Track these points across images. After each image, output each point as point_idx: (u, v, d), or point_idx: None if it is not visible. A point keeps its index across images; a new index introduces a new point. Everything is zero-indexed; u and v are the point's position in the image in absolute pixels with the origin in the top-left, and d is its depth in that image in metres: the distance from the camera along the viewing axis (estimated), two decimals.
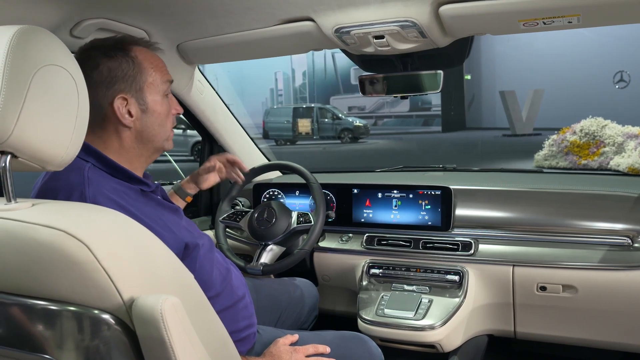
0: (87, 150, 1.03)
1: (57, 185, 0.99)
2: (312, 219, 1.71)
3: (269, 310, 1.51)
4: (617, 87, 15.74)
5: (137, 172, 1.11)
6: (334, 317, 1.92)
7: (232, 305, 1.17)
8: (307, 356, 1.23)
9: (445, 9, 1.15)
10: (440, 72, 1.40)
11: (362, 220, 1.85)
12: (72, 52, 0.81)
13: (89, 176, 0.99)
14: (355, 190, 1.87)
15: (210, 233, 1.95)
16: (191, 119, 1.89)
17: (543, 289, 1.54)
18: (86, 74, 0.94)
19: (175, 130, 1.20)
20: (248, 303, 1.24)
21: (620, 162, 3.02)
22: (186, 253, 1.07)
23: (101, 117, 1.05)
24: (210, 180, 1.58)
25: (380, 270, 1.71)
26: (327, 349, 1.27)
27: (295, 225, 1.70)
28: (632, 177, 2.02)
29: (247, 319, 1.21)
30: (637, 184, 1.67)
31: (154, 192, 1.12)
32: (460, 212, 1.71)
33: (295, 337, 1.28)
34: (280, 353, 1.21)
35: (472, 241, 1.65)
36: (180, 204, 1.56)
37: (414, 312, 1.54)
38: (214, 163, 1.58)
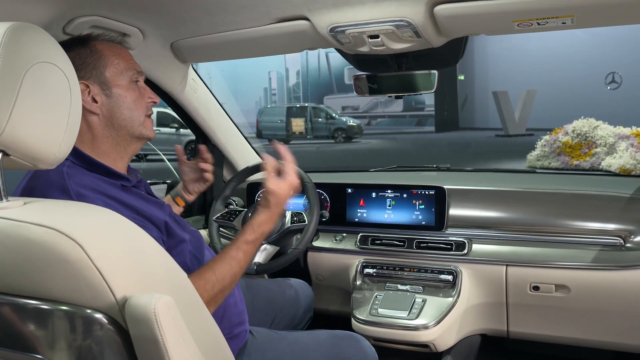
0: None
1: (37, 185, 0.99)
2: (306, 218, 1.70)
3: (264, 312, 1.50)
4: (609, 88, 15.86)
5: (117, 166, 1.09)
6: (328, 317, 1.92)
7: (222, 305, 1.16)
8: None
9: (440, 9, 1.16)
10: (435, 72, 1.41)
11: (356, 219, 1.85)
12: None
13: (67, 172, 0.98)
14: (349, 190, 1.86)
15: (203, 232, 1.94)
16: (185, 117, 1.88)
17: (536, 288, 1.54)
18: None
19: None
20: (238, 300, 1.23)
21: (611, 162, 3.04)
22: (172, 242, 1.06)
23: None
24: (194, 186, 1.53)
25: (374, 270, 1.71)
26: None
27: (289, 224, 1.70)
28: (623, 178, 2.04)
29: (238, 316, 1.20)
30: (629, 185, 1.68)
31: (136, 187, 1.10)
32: (453, 212, 1.72)
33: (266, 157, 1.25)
34: (279, 194, 1.19)
35: (465, 241, 1.65)
36: (176, 209, 1.53)
37: (407, 312, 1.54)
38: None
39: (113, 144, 1.08)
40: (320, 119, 18.43)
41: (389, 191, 1.81)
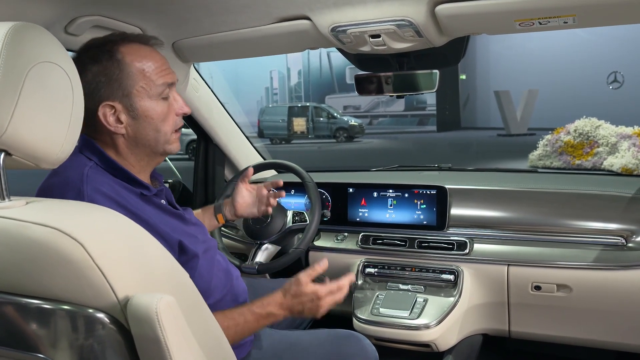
0: (92, 148, 1.02)
1: (55, 182, 0.98)
2: (307, 218, 1.71)
3: None
4: (611, 87, 15.83)
5: (140, 176, 1.07)
6: (329, 317, 1.91)
7: None
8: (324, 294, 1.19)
9: (442, 8, 1.16)
10: (436, 71, 1.41)
11: (358, 219, 1.85)
12: (68, 50, 0.80)
13: (88, 174, 0.97)
14: (351, 190, 1.86)
15: None
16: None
17: (537, 288, 1.54)
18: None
19: None
20: None
21: (613, 162, 3.03)
22: (184, 258, 1.04)
23: (94, 124, 1.01)
24: (244, 210, 1.48)
25: (376, 270, 1.71)
26: (346, 287, 1.21)
27: (290, 224, 1.70)
28: (625, 177, 2.03)
29: None
30: (631, 184, 1.67)
31: (157, 196, 1.09)
32: (455, 211, 1.72)
33: (323, 264, 1.21)
34: (302, 295, 1.15)
35: (467, 240, 1.65)
36: (212, 222, 1.50)
37: (409, 312, 1.54)
38: (253, 191, 1.48)
39: (136, 159, 1.07)
40: (321, 119, 18.42)
41: (391, 191, 1.80)
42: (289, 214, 1.73)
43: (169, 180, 2.11)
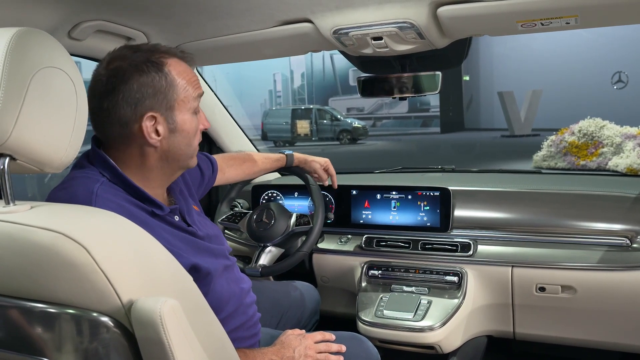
0: (105, 164, 1.00)
1: (62, 197, 0.96)
2: (310, 220, 1.70)
3: (269, 313, 1.51)
4: (615, 87, 15.76)
5: (156, 190, 1.06)
6: (333, 319, 1.92)
7: (240, 326, 1.16)
8: (316, 342, 1.21)
9: (444, 10, 1.16)
10: (439, 73, 1.41)
11: (361, 221, 1.85)
12: (71, 55, 0.81)
13: (98, 193, 0.95)
14: (354, 192, 1.86)
15: None
16: None
17: (542, 289, 1.54)
18: (114, 87, 0.95)
19: None
20: (256, 320, 1.23)
21: (618, 162, 3.03)
22: (196, 276, 1.00)
23: (127, 135, 0.99)
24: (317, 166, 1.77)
25: (379, 272, 1.71)
26: (333, 336, 1.25)
27: (294, 226, 1.70)
28: (630, 178, 2.03)
29: (251, 339, 1.20)
30: (636, 185, 1.67)
31: (171, 213, 1.07)
32: (459, 213, 1.72)
33: (303, 332, 1.26)
34: (290, 340, 1.19)
35: (471, 242, 1.65)
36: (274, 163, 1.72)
37: (413, 313, 1.53)
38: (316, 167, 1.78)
39: (159, 173, 1.06)
40: (325, 121, 18.41)
41: (394, 192, 1.80)
42: (293, 216, 1.73)
43: None
